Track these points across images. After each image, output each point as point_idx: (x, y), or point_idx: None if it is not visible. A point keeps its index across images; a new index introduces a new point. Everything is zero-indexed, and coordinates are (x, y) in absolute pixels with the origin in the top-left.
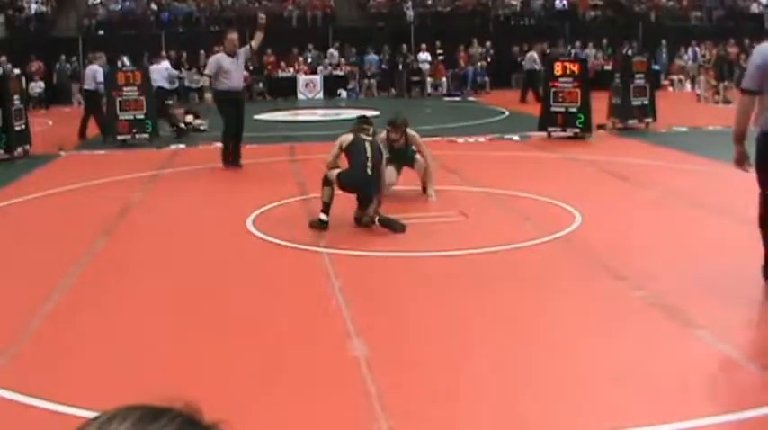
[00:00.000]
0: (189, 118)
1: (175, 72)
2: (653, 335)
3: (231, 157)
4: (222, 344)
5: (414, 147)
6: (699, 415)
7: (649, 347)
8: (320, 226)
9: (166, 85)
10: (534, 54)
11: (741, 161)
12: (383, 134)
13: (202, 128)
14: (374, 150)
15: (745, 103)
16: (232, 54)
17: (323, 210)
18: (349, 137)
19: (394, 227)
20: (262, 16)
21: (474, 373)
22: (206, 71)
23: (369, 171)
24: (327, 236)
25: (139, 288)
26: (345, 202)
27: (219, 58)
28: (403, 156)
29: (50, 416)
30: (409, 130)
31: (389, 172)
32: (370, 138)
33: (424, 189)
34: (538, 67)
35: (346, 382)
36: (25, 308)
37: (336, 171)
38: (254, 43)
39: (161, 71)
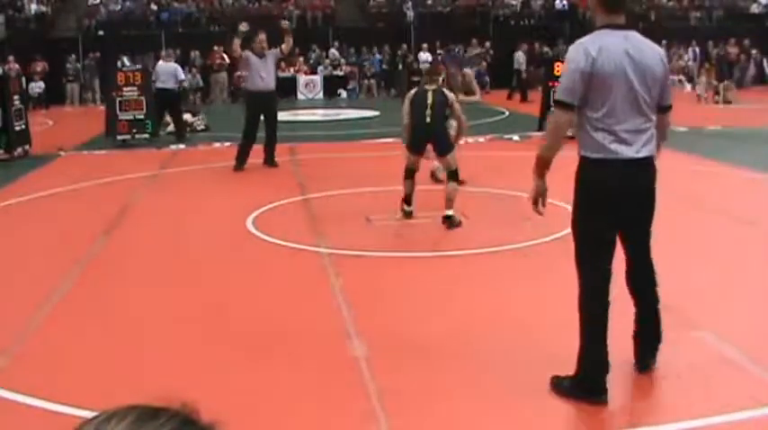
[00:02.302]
0: (187, 116)
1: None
2: None
3: (257, 158)
4: (222, 344)
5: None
6: (699, 415)
7: None
8: (406, 215)
9: (173, 86)
10: (519, 54)
11: (539, 197)
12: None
13: (200, 128)
14: (436, 98)
15: (562, 121)
16: (261, 55)
17: (405, 201)
18: (413, 92)
19: (455, 223)
20: (285, 22)
21: (474, 373)
22: (239, 70)
23: (428, 119)
24: (327, 236)
25: (139, 288)
26: (349, 201)
27: (247, 56)
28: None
29: (50, 416)
30: (467, 71)
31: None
32: (433, 87)
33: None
34: (522, 68)
35: (346, 382)
36: (25, 308)
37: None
38: (285, 47)
39: (169, 71)
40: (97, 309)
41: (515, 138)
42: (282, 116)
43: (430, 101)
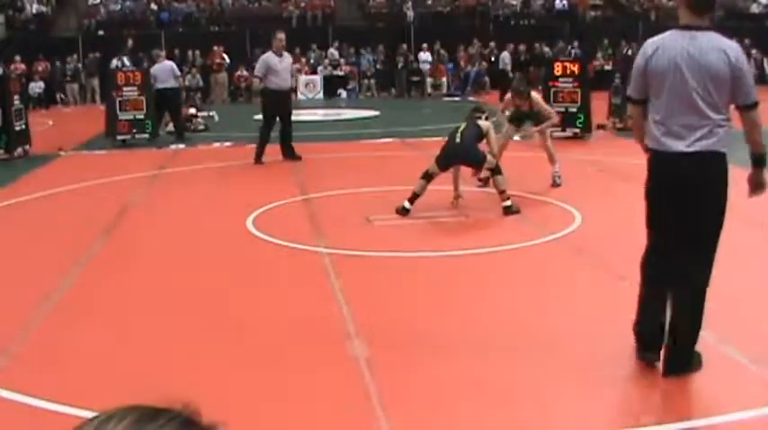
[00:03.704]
0: (191, 110)
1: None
2: None
3: (258, 151)
4: (222, 344)
5: (536, 109)
6: (699, 415)
7: None
8: (402, 212)
9: (175, 84)
10: (505, 54)
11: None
12: (508, 96)
13: (201, 127)
14: (468, 125)
15: (634, 114)
16: (279, 54)
17: (409, 199)
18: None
19: (513, 212)
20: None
21: (474, 373)
22: (256, 71)
23: (458, 139)
24: (327, 236)
25: (139, 288)
26: (349, 201)
27: (268, 57)
28: (528, 116)
29: (50, 416)
30: (533, 95)
31: (504, 133)
32: (469, 122)
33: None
34: (508, 68)
35: (346, 382)
36: (25, 308)
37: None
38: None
39: (166, 70)
40: (97, 309)
41: (515, 138)
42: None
43: (462, 128)
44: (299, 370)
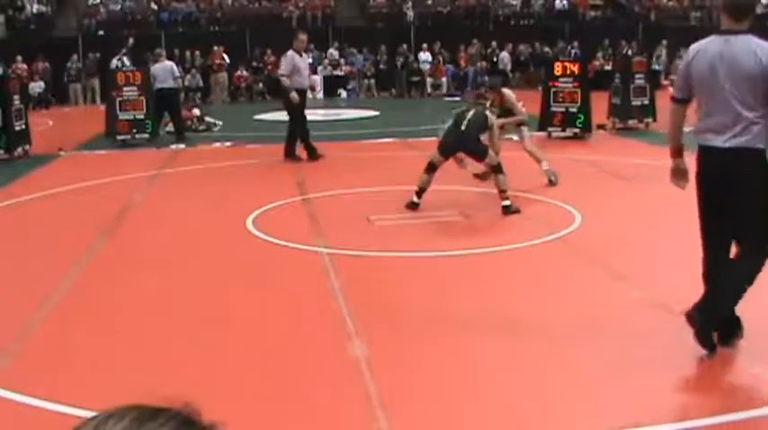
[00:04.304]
0: (196, 111)
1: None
2: (653, 336)
3: (308, 150)
4: (222, 344)
5: (507, 106)
6: (700, 415)
7: (649, 347)
8: (411, 206)
9: (173, 84)
10: (505, 54)
11: (677, 175)
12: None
13: (201, 128)
14: (476, 114)
15: (674, 112)
16: (300, 54)
17: (416, 192)
18: (460, 109)
19: (512, 212)
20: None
21: (473, 373)
22: (283, 71)
23: (463, 127)
24: (327, 236)
25: (139, 288)
26: (349, 202)
27: (293, 57)
28: (501, 112)
29: (50, 415)
30: (505, 91)
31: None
32: (477, 108)
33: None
34: (508, 68)
35: (346, 382)
36: (25, 308)
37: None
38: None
39: (166, 70)
40: (97, 309)
41: (515, 138)
42: (282, 116)
43: (470, 115)
44: (299, 370)
